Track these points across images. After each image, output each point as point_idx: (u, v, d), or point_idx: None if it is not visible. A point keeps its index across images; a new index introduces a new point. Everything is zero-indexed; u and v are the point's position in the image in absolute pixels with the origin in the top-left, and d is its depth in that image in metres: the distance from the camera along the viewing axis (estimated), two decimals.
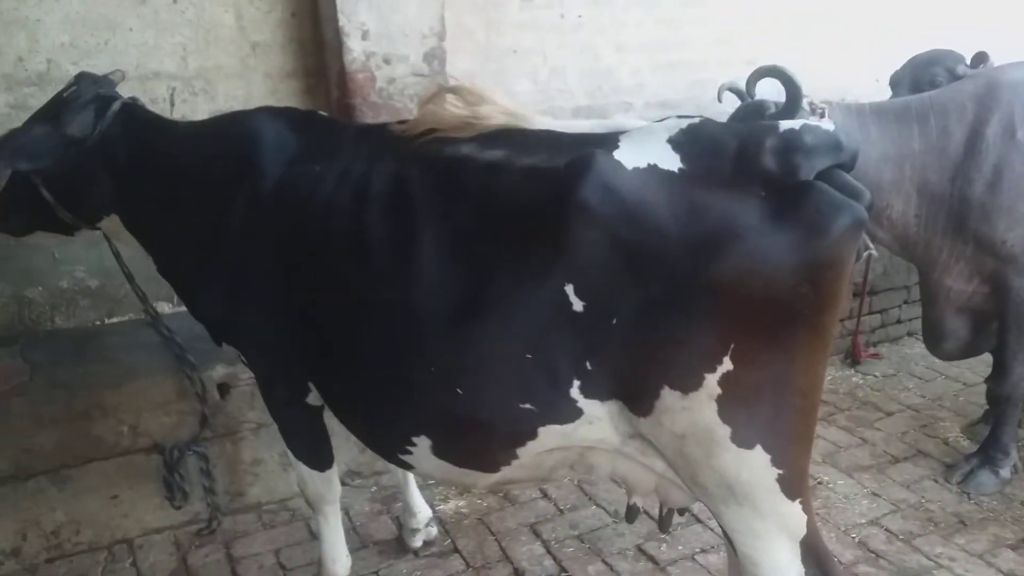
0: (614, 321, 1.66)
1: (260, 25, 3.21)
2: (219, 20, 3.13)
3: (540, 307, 1.70)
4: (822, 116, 3.02)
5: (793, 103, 2.76)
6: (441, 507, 3.05)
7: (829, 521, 2.87)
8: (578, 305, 1.67)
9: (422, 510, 2.80)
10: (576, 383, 1.74)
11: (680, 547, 2.77)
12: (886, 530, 2.85)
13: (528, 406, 1.79)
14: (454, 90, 2.01)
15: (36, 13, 2.89)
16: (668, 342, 1.64)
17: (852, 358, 4.21)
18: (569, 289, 1.66)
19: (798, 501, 1.75)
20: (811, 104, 3.02)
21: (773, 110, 2.87)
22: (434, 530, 2.85)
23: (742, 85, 3.04)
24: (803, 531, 1.78)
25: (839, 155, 1.68)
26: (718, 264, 1.56)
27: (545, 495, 3.12)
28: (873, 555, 2.72)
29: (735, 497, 1.76)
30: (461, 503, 3.07)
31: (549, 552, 2.79)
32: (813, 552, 1.81)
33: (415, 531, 2.79)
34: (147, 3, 3.01)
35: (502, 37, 3.69)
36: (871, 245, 1.72)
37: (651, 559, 2.73)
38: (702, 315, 1.60)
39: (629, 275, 1.63)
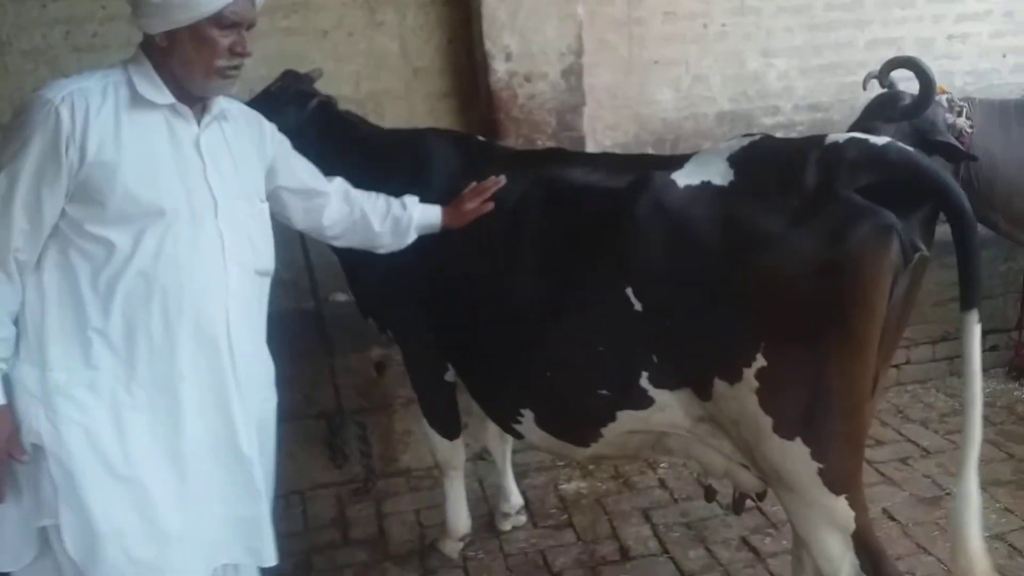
0: (668, 320, 1.90)
1: (421, 52, 3.66)
2: (387, 49, 3.61)
3: (610, 306, 1.98)
4: (959, 114, 2.97)
5: (926, 95, 2.77)
6: (564, 486, 3.34)
7: (947, 531, 2.82)
8: (638, 306, 1.93)
9: (514, 497, 3.10)
10: (645, 374, 1.99)
11: (784, 541, 2.84)
12: (1010, 545, 2.75)
13: (605, 392, 2.07)
14: None
15: None
16: (712, 339, 1.85)
17: (1016, 370, 3.96)
18: (629, 292, 1.93)
19: (843, 496, 1.86)
20: (949, 100, 2.98)
21: (907, 101, 2.87)
22: (523, 517, 3.12)
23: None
24: (851, 526, 1.88)
25: (890, 170, 1.76)
26: (747, 268, 1.75)
27: (662, 484, 3.31)
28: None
29: (783, 483, 1.91)
30: (583, 484, 3.35)
31: (656, 535, 2.98)
32: (865, 548, 1.90)
33: (506, 515, 3.09)
34: (328, 38, 3.55)
35: (644, 50, 3.89)
36: (922, 247, 1.77)
37: (753, 550, 2.85)
38: (736, 315, 1.80)
39: (676, 280, 1.87)
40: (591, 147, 3.71)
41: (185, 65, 1.76)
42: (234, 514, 1.89)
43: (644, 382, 1.99)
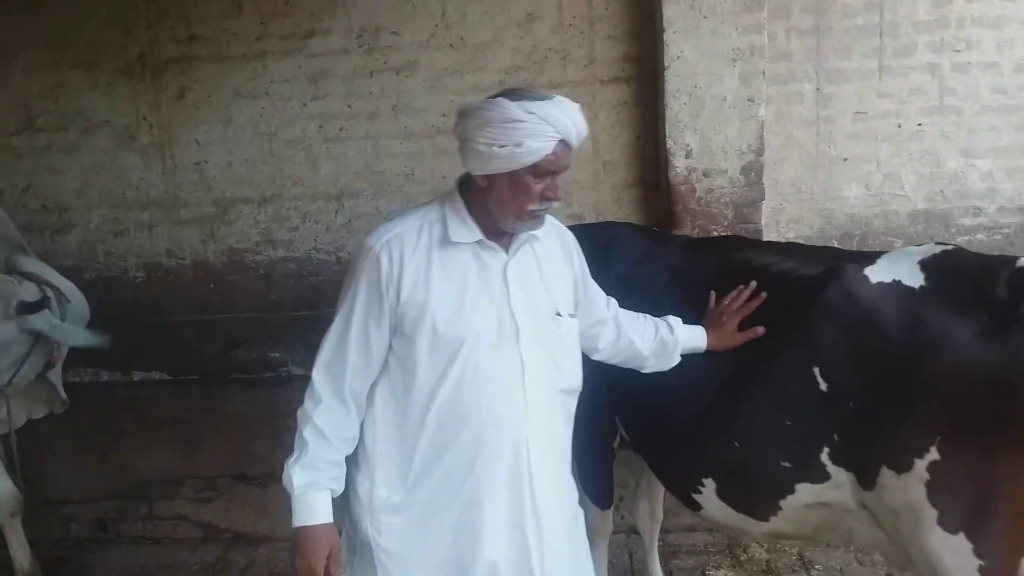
0: (850, 403, 2.03)
1: (610, 147, 4.00)
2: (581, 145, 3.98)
3: (797, 383, 2.11)
4: None
5: None
6: (711, 573, 3.38)
7: None
8: (824, 385, 2.07)
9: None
10: (826, 450, 2.10)
11: None
12: None
13: (787, 464, 2.17)
14: None
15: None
16: (887, 427, 1.96)
17: None
18: (816, 371, 2.07)
19: None
20: None
21: None
22: None
23: None
24: None
25: None
26: (930, 368, 1.88)
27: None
28: None
29: None
30: (730, 574, 3.37)
31: None
32: None
33: None
34: None
35: (832, 147, 3.95)
36: None
37: None
38: (915, 408, 1.91)
39: (860, 367, 2.00)
40: (772, 238, 3.81)
41: (500, 205, 1.83)
42: None
43: (824, 457, 2.09)
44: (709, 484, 2.35)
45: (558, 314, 1.96)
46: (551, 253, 2.00)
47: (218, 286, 4.23)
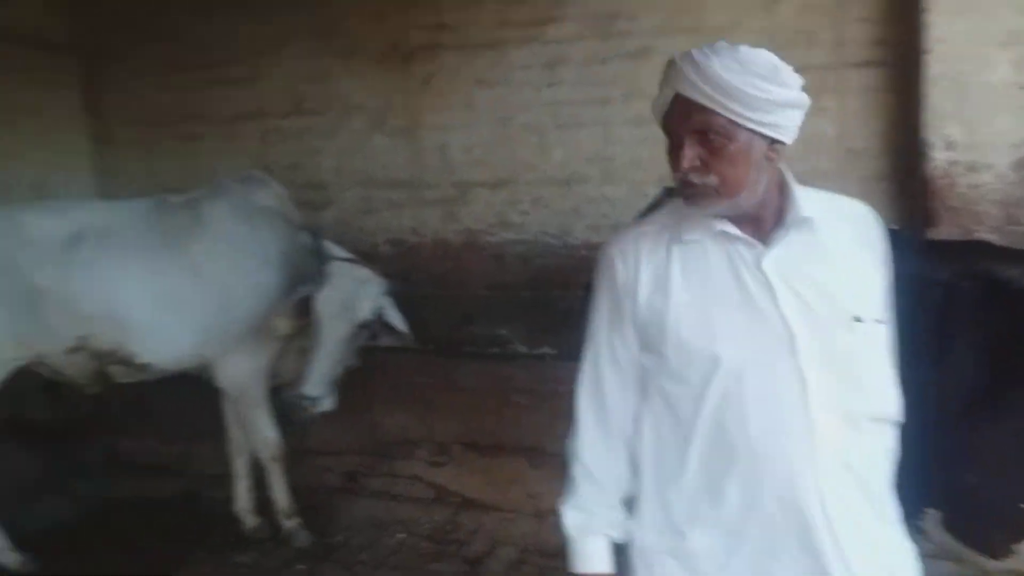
0: None
1: (858, 135, 3.74)
2: (821, 131, 3.76)
3: None
4: None
5: None
6: None
7: None
8: None
9: None
10: None
11: None
12: None
13: None
14: None
15: None
16: None
17: None
18: None
19: None
20: None
21: None
22: None
23: None
24: None
25: None
26: None
27: None
28: None
29: None
30: None
31: None
32: None
33: None
34: None
35: None
36: None
37: None
38: None
39: None
40: None
41: None
42: None
43: None
44: (933, 514, 2.16)
45: (857, 319, 1.51)
46: (841, 239, 1.57)
47: (455, 264, 4.50)
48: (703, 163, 1.47)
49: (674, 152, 1.50)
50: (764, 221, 1.55)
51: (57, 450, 4.80)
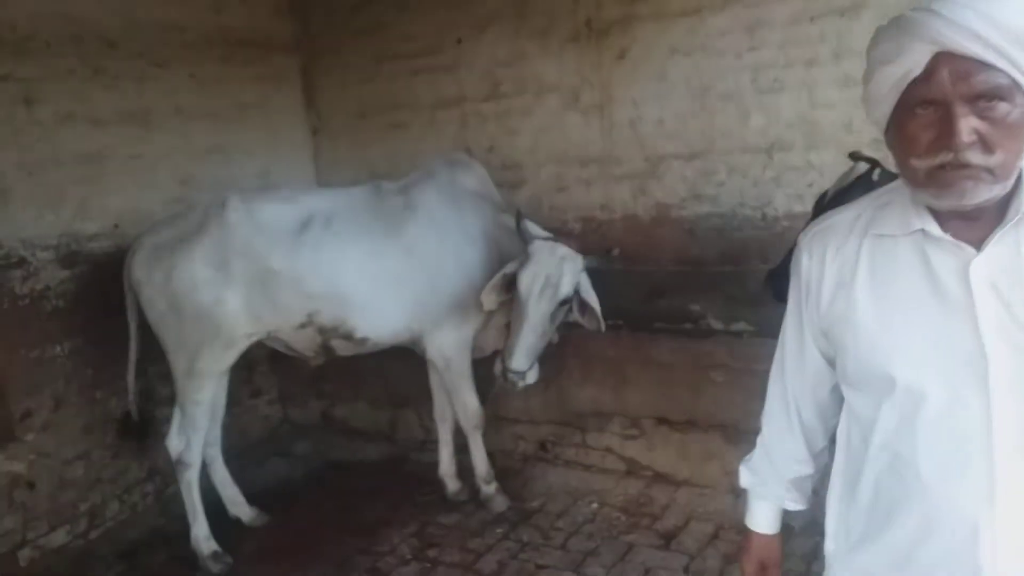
0: None
1: None
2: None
3: None
4: None
5: None
6: None
7: None
8: None
9: None
10: None
11: None
12: None
13: None
14: None
15: None
16: None
17: None
18: None
19: None
20: None
21: None
22: None
23: None
24: None
25: None
26: None
27: None
28: None
29: None
30: None
31: None
32: None
33: None
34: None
35: None
36: None
37: None
38: None
39: None
40: None
41: (900, 170, 1.29)
42: None
43: None
44: None
45: None
46: None
47: (645, 239, 4.45)
48: (980, 138, 1.15)
49: (928, 128, 1.19)
50: (985, 220, 1.24)
51: (282, 415, 5.29)
